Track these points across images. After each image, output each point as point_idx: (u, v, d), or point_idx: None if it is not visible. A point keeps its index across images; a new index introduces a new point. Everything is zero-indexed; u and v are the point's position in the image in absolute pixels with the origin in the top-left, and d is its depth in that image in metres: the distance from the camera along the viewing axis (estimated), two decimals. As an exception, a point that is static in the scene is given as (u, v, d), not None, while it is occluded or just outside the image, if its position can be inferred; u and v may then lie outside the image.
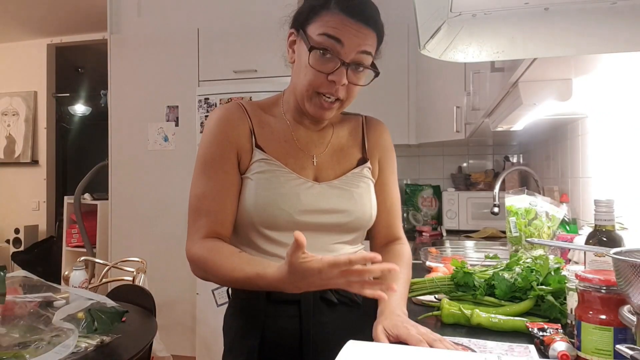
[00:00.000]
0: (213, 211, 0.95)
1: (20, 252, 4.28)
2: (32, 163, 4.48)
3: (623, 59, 0.93)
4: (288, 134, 1.01)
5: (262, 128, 1.00)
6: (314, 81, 0.92)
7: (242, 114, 1.00)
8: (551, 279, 1.03)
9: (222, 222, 0.95)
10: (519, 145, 3.21)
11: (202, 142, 0.99)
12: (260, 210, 0.94)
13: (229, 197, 0.96)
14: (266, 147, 0.98)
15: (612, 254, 0.67)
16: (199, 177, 0.97)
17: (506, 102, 1.40)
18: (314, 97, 0.94)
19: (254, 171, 0.96)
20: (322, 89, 0.92)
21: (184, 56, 3.09)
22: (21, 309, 1.26)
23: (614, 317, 0.72)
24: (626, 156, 1.39)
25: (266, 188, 0.95)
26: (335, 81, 0.90)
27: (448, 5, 0.73)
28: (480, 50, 0.77)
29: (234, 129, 0.98)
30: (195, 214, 0.96)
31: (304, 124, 1.03)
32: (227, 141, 0.97)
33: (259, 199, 0.94)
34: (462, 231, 2.86)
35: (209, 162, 0.96)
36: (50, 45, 4.46)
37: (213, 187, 0.95)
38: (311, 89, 0.93)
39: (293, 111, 1.02)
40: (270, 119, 1.02)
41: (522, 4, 0.72)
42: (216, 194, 0.95)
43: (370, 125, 1.10)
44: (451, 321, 1.01)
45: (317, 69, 0.91)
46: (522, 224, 1.61)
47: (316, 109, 0.95)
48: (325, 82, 0.91)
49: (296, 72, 0.96)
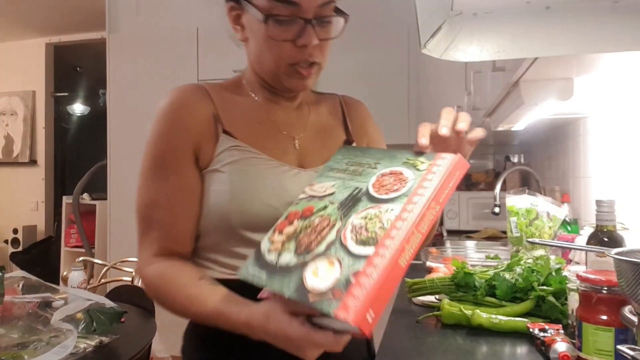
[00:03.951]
0: (166, 223, 0.78)
1: (19, 252, 4.27)
2: (30, 163, 4.47)
3: (625, 58, 0.92)
4: (262, 114, 0.86)
5: (229, 110, 0.83)
6: (282, 53, 0.78)
7: (201, 95, 0.82)
8: (552, 279, 1.03)
9: (176, 237, 0.79)
10: (520, 145, 3.21)
11: (151, 135, 0.81)
12: (238, 208, 0.77)
13: (187, 205, 0.79)
14: (236, 132, 0.81)
15: (613, 254, 0.66)
16: (148, 180, 0.80)
17: (507, 101, 1.40)
18: (289, 70, 0.80)
19: (224, 162, 0.79)
20: (294, 59, 0.78)
21: (183, 55, 3.08)
22: (20, 309, 1.25)
23: (615, 318, 0.72)
24: (628, 156, 1.39)
25: (243, 180, 0.78)
26: (306, 44, 0.76)
27: (449, 4, 0.73)
28: (481, 49, 0.77)
29: (191, 115, 0.80)
30: (144, 224, 0.80)
31: (278, 102, 0.88)
32: (183, 132, 0.79)
33: (235, 194, 0.77)
34: (462, 231, 2.86)
35: (160, 160, 0.79)
36: (48, 45, 4.45)
37: (165, 192, 0.78)
38: (282, 63, 0.79)
39: (262, 89, 0.87)
40: (238, 99, 0.86)
41: (524, 3, 0.72)
42: (169, 201, 0.78)
43: (350, 105, 0.97)
44: (451, 322, 1.00)
45: (280, 38, 0.77)
46: (523, 224, 1.61)
47: (295, 81, 0.81)
48: (294, 50, 0.78)
49: (255, 49, 0.82)
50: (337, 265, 0.59)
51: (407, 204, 0.63)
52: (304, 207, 0.68)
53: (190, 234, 0.80)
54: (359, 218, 0.63)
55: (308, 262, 0.61)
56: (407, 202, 0.63)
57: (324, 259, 0.60)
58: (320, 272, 0.59)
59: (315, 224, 0.65)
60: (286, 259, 0.63)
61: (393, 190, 0.65)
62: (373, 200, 0.65)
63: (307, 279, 0.59)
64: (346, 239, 0.62)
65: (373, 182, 0.68)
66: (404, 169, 0.68)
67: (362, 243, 0.60)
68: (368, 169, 0.70)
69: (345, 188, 0.69)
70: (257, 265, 0.64)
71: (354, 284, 0.56)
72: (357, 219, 0.63)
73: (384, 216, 0.62)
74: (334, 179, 0.71)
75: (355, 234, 0.62)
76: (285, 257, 0.63)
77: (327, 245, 0.62)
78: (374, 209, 0.64)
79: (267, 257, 0.65)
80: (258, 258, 0.65)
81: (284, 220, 0.68)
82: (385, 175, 0.68)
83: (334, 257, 0.60)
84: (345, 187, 0.69)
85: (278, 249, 0.65)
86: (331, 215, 0.65)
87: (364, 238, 0.61)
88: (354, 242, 0.61)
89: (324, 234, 0.63)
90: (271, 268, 0.63)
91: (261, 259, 0.65)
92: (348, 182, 0.69)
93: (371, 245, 0.59)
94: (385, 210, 0.63)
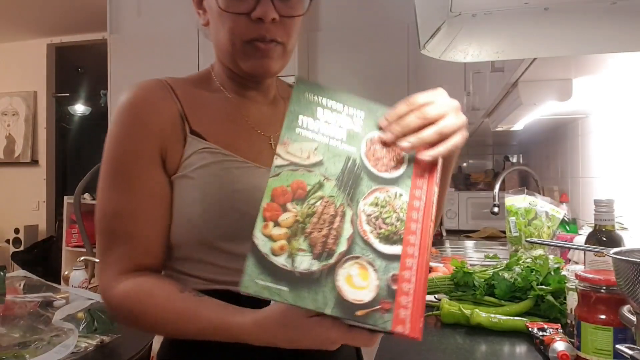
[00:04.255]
0: (134, 235, 0.69)
1: (20, 252, 4.28)
2: (32, 163, 4.47)
3: (623, 58, 0.93)
4: (234, 112, 0.77)
5: (197, 108, 0.74)
6: (235, 28, 0.70)
7: (166, 92, 0.73)
8: (551, 278, 1.03)
9: (145, 251, 0.70)
10: (518, 145, 3.21)
11: (110, 136, 0.71)
12: (212, 218, 0.68)
13: (154, 214, 0.70)
14: (206, 132, 0.72)
15: (612, 253, 0.67)
16: (108, 188, 0.70)
17: (506, 102, 1.40)
18: (245, 47, 0.71)
19: (193, 166, 0.70)
20: (249, 35, 0.69)
21: (184, 56, 3.08)
22: (21, 308, 1.26)
23: (613, 317, 0.72)
24: (626, 156, 1.39)
25: (216, 186, 0.69)
26: (262, 17, 0.68)
27: (448, 5, 0.73)
28: (480, 50, 0.77)
29: (155, 114, 0.71)
30: (107, 239, 0.70)
31: (250, 97, 0.79)
32: (147, 133, 0.70)
33: (208, 203, 0.68)
34: (461, 231, 2.86)
35: (121, 165, 0.70)
36: (50, 45, 4.46)
37: (131, 200, 0.69)
38: (236, 39, 0.70)
39: (231, 82, 0.78)
40: (206, 95, 0.77)
41: (522, 3, 0.72)
42: (136, 210, 0.69)
43: None
44: (451, 321, 1.01)
45: (233, 10, 0.69)
46: (522, 224, 1.61)
47: (254, 61, 0.71)
48: (250, 25, 0.69)
49: (213, 29, 0.74)
50: (371, 269, 0.55)
51: (413, 189, 0.59)
52: (292, 182, 0.57)
53: (160, 245, 0.71)
54: (369, 205, 0.57)
55: (335, 267, 0.54)
56: (412, 186, 0.59)
57: (353, 262, 0.55)
58: (354, 279, 0.54)
59: (319, 211, 0.56)
60: (304, 263, 0.54)
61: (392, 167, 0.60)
62: (375, 180, 0.59)
63: (344, 291, 0.53)
64: (366, 233, 0.56)
65: (365, 152, 0.60)
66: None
67: (386, 239, 0.56)
68: (349, 125, 0.61)
69: (334, 155, 0.59)
70: (266, 274, 0.53)
71: (398, 291, 0.54)
72: (368, 206, 0.57)
73: (395, 203, 0.58)
74: (311, 137, 0.59)
75: (374, 227, 0.56)
76: (302, 261, 0.54)
77: (347, 243, 0.55)
78: (381, 192, 0.58)
79: (275, 260, 0.54)
80: (262, 263, 0.53)
81: (271, 201, 0.56)
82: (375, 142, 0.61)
83: (363, 260, 0.55)
84: (334, 155, 0.59)
85: (286, 249, 0.54)
86: (335, 199, 0.57)
87: (386, 233, 0.56)
88: (376, 237, 0.56)
89: (337, 227, 0.56)
90: (289, 277, 0.53)
91: (267, 263, 0.53)
92: (333, 146, 0.59)
93: (396, 242, 0.56)
94: (394, 195, 0.58)
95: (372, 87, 2.90)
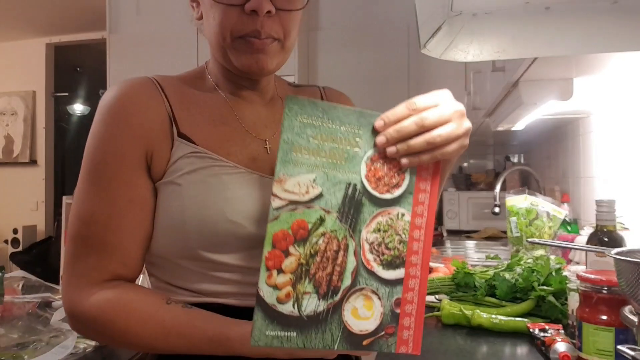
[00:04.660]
0: (110, 244, 0.63)
1: (19, 252, 4.27)
2: (30, 163, 4.47)
3: (624, 58, 0.93)
4: (227, 113, 0.71)
5: (186, 110, 0.69)
6: (227, 21, 0.65)
7: (153, 91, 0.68)
8: (552, 279, 1.03)
9: (123, 260, 0.64)
10: (519, 145, 3.21)
11: (92, 135, 0.67)
12: (199, 228, 0.63)
13: (134, 222, 0.64)
14: (195, 135, 0.67)
15: (613, 254, 0.66)
16: (86, 191, 0.64)
17: (507, 101, 1.40)
18: (237, 43, 0.66)
19: (180, 172, 0.65)
20: (242, 29, 0.65)
21: (184, 56, 3.08)
22: (20, 309, 1.25)
23: (615, 318, 0.72)
24: (628, 156, 1.39)
25: (204, 194, 0.64)
26: (256, 9, 0.63)
27: (449, 5, 0.73)
28: (481, 49, 0.77)
29: (141, 115, 0.65)
30: (79, 245, 0.64)
31: (245, 97, 0.73)
32: (132, 134, 0.64)
33: (194, 212, 0.63)
34: (462, 231, 2.86)
35: (102, 166, 0.64)
36: (49, 45, 4.45)
37: (109, 206, 0.63)
38: (227, 32, 0.65)
39: (226, 81, 0.73)
40: (198, 95, 0.72)
41: (523, 3, 0.72)
42: (114, 216, 0.63)
43: (332, 97, 0.83)
44: (452, 322, 1.00)
45: (225, 2, 0.64)
46: (523, 224, 1.61)
47: (247, 57, 0.66)
48: (243, 18, 0.64)
49: (205, 23, 0.70)
50: (375, 298, 0.55)
51: (415, 206, 0.58)
52: (292, 223, 0.54)
53: (138, 256, 0.66)
54: (371, 232, 0.57)
55: (341, 304, 0.55)
56: (414, 204, 0.58)
57: (358, 294, 0.55)
58: (360, 311, 0.55)
59: (322, 249, 0.55)
60: (311, 305, 0.54)
61: (393, 185, 0.58)
62: (377, 204, 0.57)
63: (350, 324, 0.54)
64: (369, 262, 0.56)
65: (365, 174, 0.57)
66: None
67: (389, 265, 0.56)
68: (347, 146, 0.57)
69: (334, 185, 0.56)
70: (275, 323, 0.53)
71: (401, 314, 0.56)
72: (370, 234, 0.57)
73: (398, 225, 0.57)
74: (308, 167, 0.56)
75: (377, 255, 0.56)
76: (309, 304, 0.54)
77: (352, 276, 0.55)
78: (383, 216, 0.57)
79: (282, 309, 0.53)
80: (270, 314, 0.53)
81: (272, 249, 0.54)
82: (375, 160, 0.58)
83: (368, 290, 0.56)
84: (333, 184, 0.56)
85: (292, 295, 0.53)
86: (337, 232, 0.55)
87: (389, 258, 0.56)
88: (379, 265, 0.56)
89: (341, 262, 0.55)
90: (297, 322, 0.53)
91: (275, 314, 0.53)
92: (332, 174, 0.56)
93: (399, 265, 0.57)
94: (397, 216, 0.57)
95: (372, 86, 2.90)
